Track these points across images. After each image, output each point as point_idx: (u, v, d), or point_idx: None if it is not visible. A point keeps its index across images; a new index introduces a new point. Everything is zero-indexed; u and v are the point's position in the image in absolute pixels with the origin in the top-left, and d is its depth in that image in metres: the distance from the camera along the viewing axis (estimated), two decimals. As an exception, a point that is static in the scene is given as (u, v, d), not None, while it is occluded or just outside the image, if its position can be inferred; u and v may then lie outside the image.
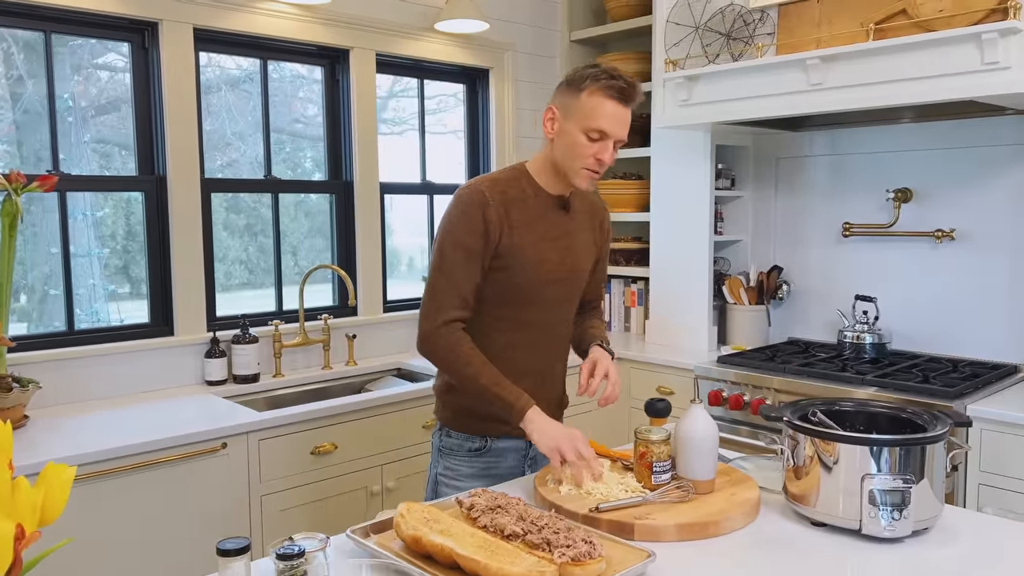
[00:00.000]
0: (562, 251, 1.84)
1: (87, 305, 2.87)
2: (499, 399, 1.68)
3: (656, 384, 3.35)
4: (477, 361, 1.70)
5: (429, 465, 1.96)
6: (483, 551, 1.32)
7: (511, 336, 1.82)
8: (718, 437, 1.66)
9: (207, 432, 2.34)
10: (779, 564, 1.41)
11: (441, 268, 1.74)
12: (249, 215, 3.24)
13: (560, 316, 1.90)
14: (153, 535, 2.25)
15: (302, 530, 2.52)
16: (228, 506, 2.39)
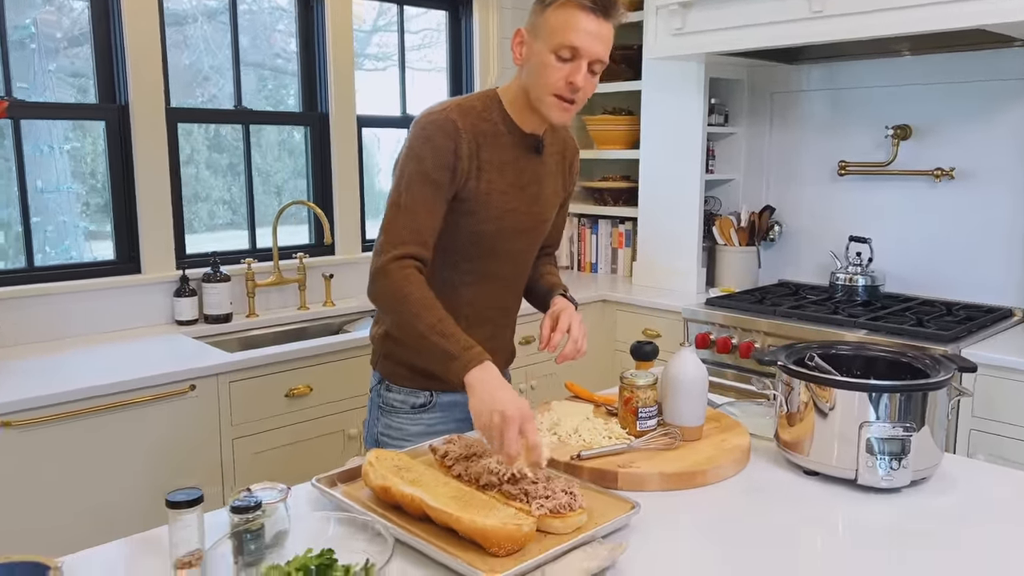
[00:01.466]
0: (530, 200, 1.65)
1: (57, 243, 2.74)
2: (438, 349, 1.40)
3: (643, 327, 3.27)
4: (420, 302, 1.44)
5: (366, 422, 1.80)
6: (456, 502, 1.23)
7: (467, 291, 1.66)
8: (707, 381, 1.57)
9: (175, 373, 2.24)
10: (769, 515, 1.34)
11: (399, 203, 1.52)
12: (232, 154, 3.09)
13: (521, 268, 1.75)
14: (119, 479, 2.17)
15: (277, 475, 2.45)
16: (198, 449, 2.30)
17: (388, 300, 1.49)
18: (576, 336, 1.61)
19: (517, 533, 1.16)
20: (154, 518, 2.20)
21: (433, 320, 1.43)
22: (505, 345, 1.79)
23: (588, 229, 3.96)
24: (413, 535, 1.19)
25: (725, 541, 1.25)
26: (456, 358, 1.39)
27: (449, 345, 1.40)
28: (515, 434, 1.29)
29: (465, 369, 1.37)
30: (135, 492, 2.20)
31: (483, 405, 1.33)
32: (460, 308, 1.61)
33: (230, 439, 2.37)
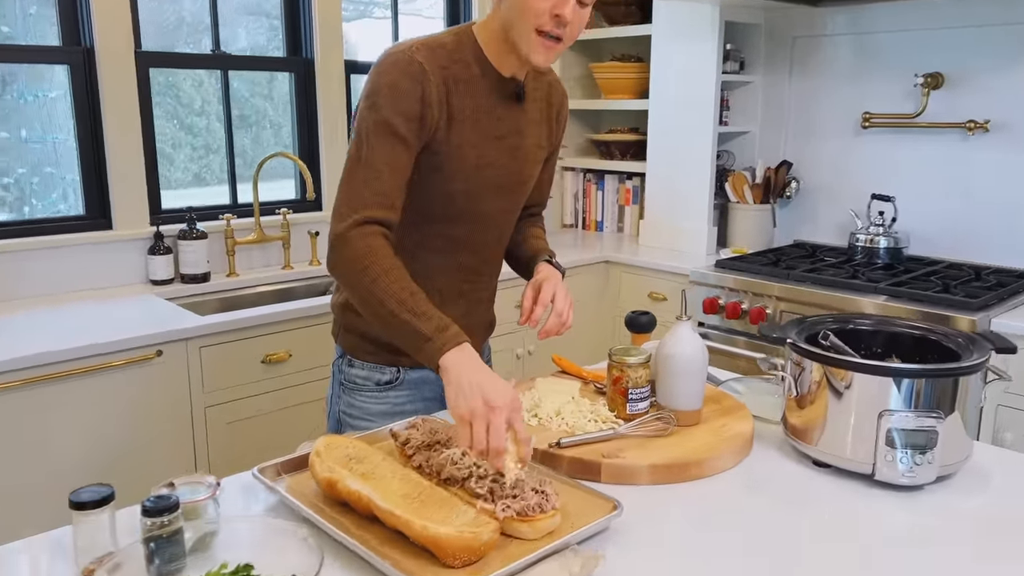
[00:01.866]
0: (509, 153, 1.44)
1: (44, 195, 2.58)
2: (409, 329, 1.21)
3: (648, 290, 3.08)
4: (387, 274, 1.24)
5: (329, 398, 1.63)
6: (409, 502, 1.07)
7: (438, 259, 1.48)
8: (707, 360, 1.39)
9: (139, 338, 2.09)
10: (772, 515, 1.17)
11: (360, 157, 1.32)
12: (243, 106, 2.92)
13: (499, 232, 1.55)
14: (77, 454, 2.03)
15: (253, 445, 2.31)
16: (167, 419, 2.16)
17: (350, 272, 1.29)
18: (560, 308, 1.43)
19: (474, 543, 0.99)
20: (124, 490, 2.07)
21: (403, 296, 1.24)
22: (482, 319, 1.61)
23: (594, 185, 3.75)
24: (357, 541, 1.03)
25: (720, 547, 1.08)
26: (429, 340, 1.20)
27: (422, 324, 1.21)
28: (501, 425, 1.11)
29: (440, 352, 1.19)
30: (98, 468, 2.06)
31: (461, 392, 1.14)
32: (430, 279, 1.43)
33: (202, 408, 2.23)
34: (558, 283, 1.46)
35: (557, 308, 1.43)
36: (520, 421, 1.13)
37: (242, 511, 1.16)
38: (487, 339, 1.67)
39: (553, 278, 1.47)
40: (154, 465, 2.15)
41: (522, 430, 1.13)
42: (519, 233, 1.64)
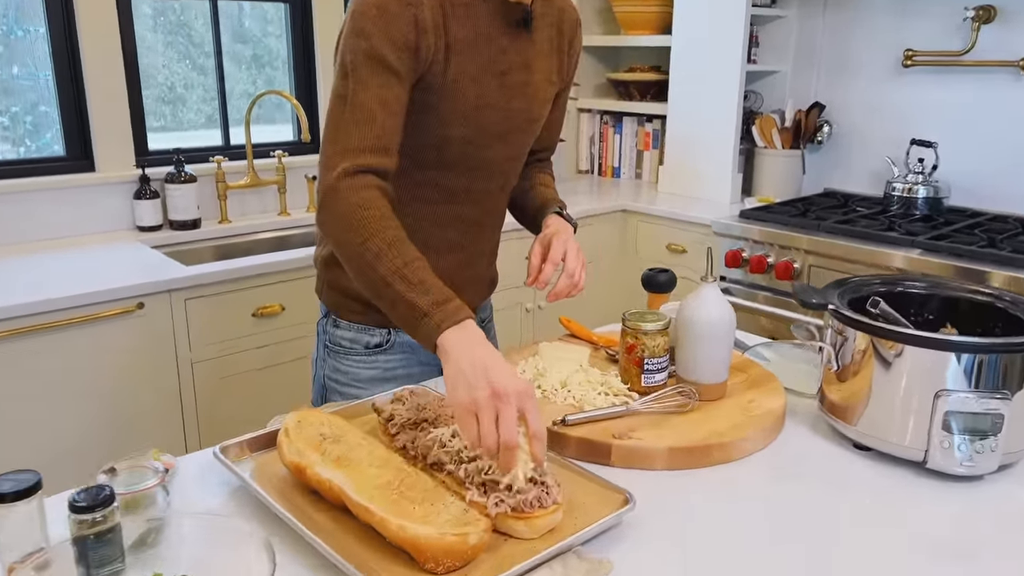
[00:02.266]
0: (514, 91, 1.26)
1: (37, 136, 2.41)
2: (403, 301, 1.03)
3: (667, 241, 2.90)
4: (380, 235, 1.06)
5: (313, 360, 1.47)
6: (387, 494, 0.92)
7: (430, 211, 1.30)
8: (734, 327, 1.22)
9: (118, 290, 1.94)
10: (806, 506, 1.01)
11: (345, 96, 1.14)
12: (256, 45, 2.73)
13: (503, 181, 1.36)
14: (56, 412, 1.91)
15: (245, 402, 2.18)
16: (152, 376, 2.03)
17: (338, 232, 1.10)
18: (572, 268, 1.26)
19: (460, 547, 0.85)
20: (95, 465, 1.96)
21: (398, 262, 1.05)
22: (482, 274, 1.44)
23: (611, 128, 3.54)
24: (325, 541, 0.88)
25: (747, 544, 0.93)
26: (426, 315, 1.02)
27: (417, 297, 1.02)
28: (513, 416, 0.92)
29: (437, 330, 1.00)
30: (75, 431, 1.94)
31: (463, 378, 0.94)
32: (423, 234, 1.27)
33: (188, 363, 2.09)
34: (569, 239, 1.29)
35: (568, 268, 1.26)
36: (534, 412, 0.94)
37: (199, 498, 1.02)
38: (488, 297, 1.50)
39: (563, 233, 1.30)
40: (139, 425, 2.03)
41: (536, 423, 0.94)
42: (525, 180, 1.46)
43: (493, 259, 1.47)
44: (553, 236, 1.29)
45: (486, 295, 1.48)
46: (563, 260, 1.27)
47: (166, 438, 2.08)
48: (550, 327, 2.90)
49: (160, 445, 2.07)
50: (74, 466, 1.94)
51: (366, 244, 1.06)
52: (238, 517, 0.97)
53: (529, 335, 2.89)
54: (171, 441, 2.09)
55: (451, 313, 1.01)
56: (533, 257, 1.29)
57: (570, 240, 1.30)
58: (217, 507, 1.00)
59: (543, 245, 1.30)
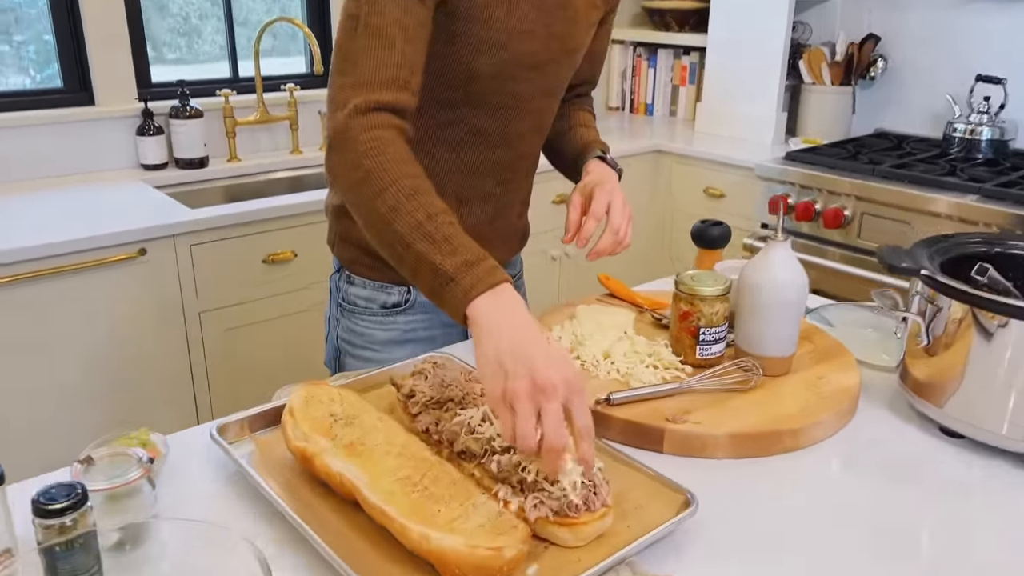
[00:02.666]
0: (553, 14, 1.09)
1: (43, 66, 2.25)
2: (425, 263, 0.86)
3: (704, 184, 2.71)
4: (397, 184, 0.89)
5: (327, 318, 1.32)
6: (408, 490, 0.79)
7: (454, 156, 1.13)
8: (807, 293, 1.06)
9: (117, 234, 1.81)
10: (890, 505, 0.87)
11: (358, 17, 0.96)
12: None
13: (538, 120, 1.19)
14: (57, 364, 1.79)
15: (257, 354, 2.06)
16: (156, 328, 1.91)
17: (349, 181, 0.93)
18: (617, 223, 1.10)
19: (494, 562, 0.71)
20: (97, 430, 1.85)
21: (419, 216, 0.88)
22: (513, 228, 1.28)
23: (644, 61, 3.31)
24: (333, 549, 0.75)
25: (833, 549, 0.79)
26: (452, 280, 0.85)
27: (442, 257, 0.85)
28: (558, 413, 0.76)
29: (466, 298, 0.83)
30: (77, 389, 1.83)
31: (499, 361, 0.78)
32: (445, 181, 1.11)
33: (196, 313, 1.97)
34: (614, 188, 1.13)
35: (612, 223, 1.10)
36: (582, 407, 0.77)
37: (193, 486, 0.89)
38: (519, 252, 1.35)
39: (607, 182, 1.14)
40: (144, 382, 1.91)
41: (583, 419, 0.78)
42: (563, 120, 1.29)
43: (525, 209, 1.31)
44: (596, 186, 1.13)
45: (517, 249, 1.32)
46: (607, 214, 1.11)
47: (174, 395, 1.97)
48: (580, 278, 2.74)
49: (168, 403, 1.96)
50: (74, 430, 1.84)
51: (381, 196, 0.89)
52: (236, 511, 0.84)
53: (556, 288, 2.73)
54: (179, 400, 1.98)
55: (483, 276, 0.84)
56: (572, 210, 1.13)
57: (615, 190, 1.14)
58: (213, 497, 0.87)
59: (583, 196, 1.14)
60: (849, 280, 2.26)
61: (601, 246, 1.09)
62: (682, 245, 2.82)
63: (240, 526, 0.82)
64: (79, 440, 1.82)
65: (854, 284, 2.26)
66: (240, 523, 0.82)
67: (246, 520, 0.83)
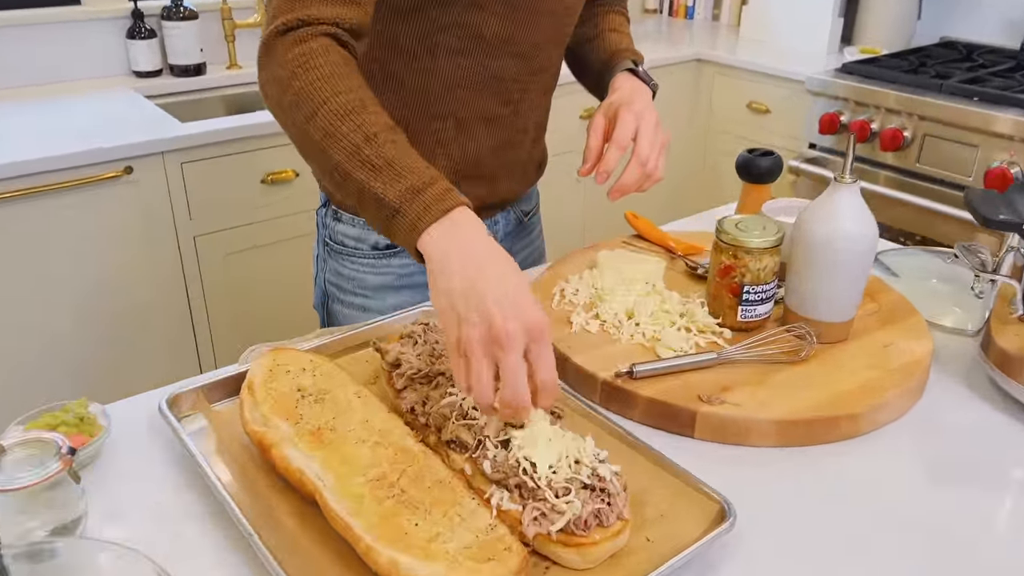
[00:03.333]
0: None
1: None
2: (368, 193, 0.72)
3: (748, 99, 2.47)
4: (329, 103, 0.74)
5: (315, 258, 1.17)
6: (382, 494, 0.64)
7: (457, 66, 0.94)
8: (876, 247, 0.88)
9: (100, 151, 1.65)
10: (971, 513, 0.71)
11: None
12: None
13: (556, 25, 0.98)
14: (36, 301, 1.67)
15: (256, 279, 1.92)
16: (147, 252, 1.77)
17: (277, 103, 0.78)
18: (645, 154, 0.90)
19: (480, 602, 0.57)
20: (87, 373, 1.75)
21: (356, 138, 0.73)
22: (526, 156, 1.10)
23: (686, -42, 3.01)
24: (285, 565, 0.61)
25: (880, 566, 0.65)
26: (397, 211, 0.70)
27: (384, 185, 0.71)
28: (518, 366, 0.63)
29: (414, 230, 0.70)
30: (60, 327, 1.70)
31: (451, 301, 0.66)
32: (441, 98, 0.94)
33: (190, 237, 1.82)
34: (644, 109, 0.93)
35: (640, 151, 0.91)
36: (546, 356, 0.65)
37: (136, 469, 0.75)
38: (535, 183, 1.17)
39: (637, 100, 0.94)
40: (136, 319, 1.79)
41: (545, 372, 0.65)
42: (589, 23, 1.09)
43: (542, 134, 1.13)
44: (622, 106, 0.93)
45: (532, 181, 1.15)
46: (634, 141, 0.92)
47: (170, 332, 1.85)
48: (609, 206, 2.53)
49: (165, 342, 1.84)
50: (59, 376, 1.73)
51: (313, 120, 0.74)
52: (186, 504, 0.71)
53: (579, 218, 2.53)
54: (177, 337, 1.86)
55: (431, 203, 0.70)
56: (592, 135, 0.94)
57: (646, 111, 0.94)
58: (161, 484, 0.73)
59: (607, 117, 0.95)
60: (904, 210, 2.05)
61: (625, 181, 0.90)
62: (722, 172, 2.60)
63: (188, 529, 0.68)
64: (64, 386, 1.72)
65: (910, 215, 2.06)
66: (188, 525, 0.69)
67: (195, 521, 0.70)
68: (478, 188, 1.03)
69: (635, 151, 0.91)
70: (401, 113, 0.95)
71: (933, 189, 2.03)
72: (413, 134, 0.97)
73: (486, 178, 1.04)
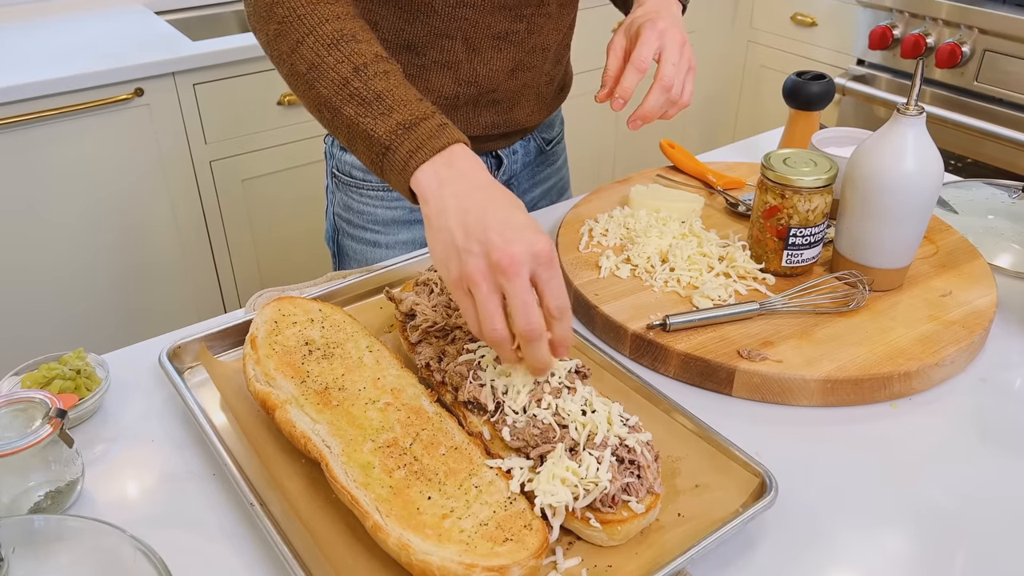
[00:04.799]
0: None
1: None
2: (358, 130, 0.67)
3: (792, 10, 2.31)
4: (315, 31, 0.68)
5: (325, 189, 1.10)
6: (393, 460, 0.60)
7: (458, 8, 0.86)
8: (941, 187, 0.80)
9: (109, 72, 1.58)
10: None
11: None
12: None
13: None
14: (48, 230, 1.63)
15: (275, 205, 1.87)
16: (161, 180, 1.71)
17: (266, 35, 0.73)
18: (668, 77, 0.79)
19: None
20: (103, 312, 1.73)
21: (344, 70, 0.67)
22: (545, 78, 1.00)
23: None
24: (289, 540, 0.57)
25: (935, 541, 0.59)
26: (388, 148, 0.65)
27: (374, 120, 0.65)
28: (525, 297, 0.58)
29: (406, 168, 0.64)
30: (68, 264, 1.67)
31: (449, 235, 0.61)
32: (448, 19, 0.86)
33: (206, 162, 1.76)
34: (669, 28, 0.81)
35: (663, 75, 0.80)
36: (554, 282, 0.59)
37: (137, 428, 0.71)
38: (558, 107, 1.08)
39: (662, 19, 0.82)
40: (154, 251, 1.75)
41: (555, 297, 0.59)
42: None
43: (565, 52, 1.03)
44: (644, 24, 0.82)
45: (552, 107, 1.05)
46: (658, 62, 0.82)
47: (190, 263, 1.81)
48: (641, 136, 2.41)
49: (184, 274, 1.80)
50: (73, 315, 1.70)
51: (298, 51, 0.69)
52: (192, 466, 0.67)
53: (610, 149, 2.41)
54: (197, 268, 1.82)
55: (425, 139, 0.64)
56: (611, 57, 0.83)
57: (670, 29, 0.81)
58: (164, 444, 0.69)
59: (629, 37, 0.84)
60: (956, 132, 1.92)
61: (646, 107, 0.80)
62: (763, 92, 2.45)
63: (189, 490, 0.64)
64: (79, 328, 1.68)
65: (964, 139, 1.93)
66: (189, 485, 0.65)
67: (196, 482, 0.66)
68: (493, 114, 0.96)
69: (658, 74, 0.81)
70: (406, 32, 0.88)
71: (990, 110, 1.90)
72: (420, 54, 0.89)
73: (501, 103, 0.96)
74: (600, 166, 2.40)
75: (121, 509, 0.63)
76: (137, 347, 0.80)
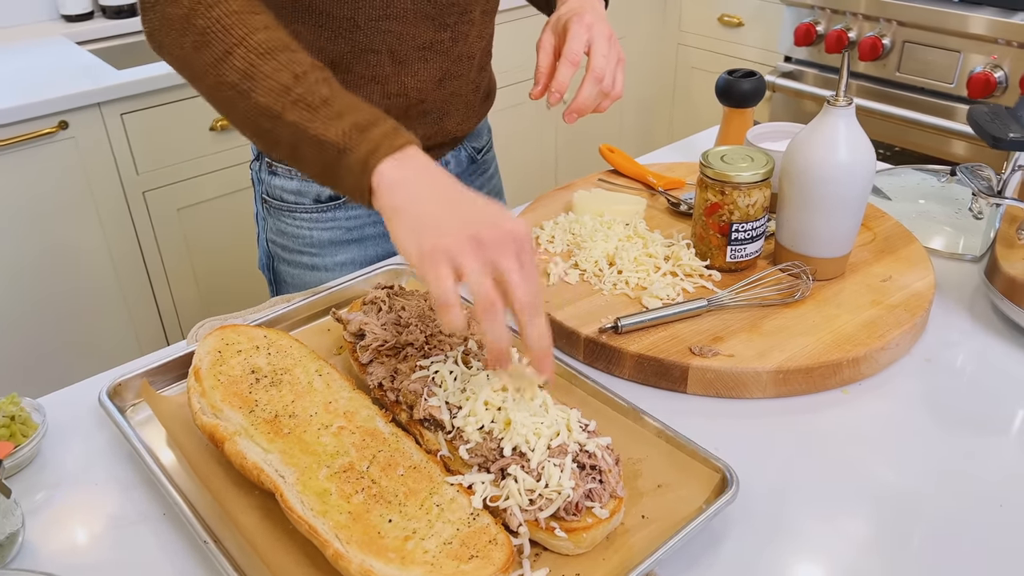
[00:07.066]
0: None
1: None
2: (307, 137, 0.64)
3: (719, 11, 2.36)
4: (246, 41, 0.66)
5: (255, 215, 1.08)
6: (346, 491, 0.58)
7: None
8: (874, 175, 0.81)
9: (31, 106, 1.53)
10: (989, 461, 0.67)
11: None
12: None
13: None
14: (-21, 259, 1.57)
15: (217, 232, 1.83)
16: (93, 213, 1.66)
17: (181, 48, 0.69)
18: (599, 68, 0.79)
19: (463, 607, 0.52)
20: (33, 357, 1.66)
21: (284, 78, 0.65)
22: (471, 86, 1.00)
23: None
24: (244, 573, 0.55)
25: (893, 522, 0.60)
26: (343, 151, 0.62)
27: (324, 125, 0.63)
28: (522, 271, 0.58)
29: (365, 169, 0.62)
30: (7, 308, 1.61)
31: (421, 222, 0.59)
32: (372, 32, 0.85)
33: (139, 193, 1.71)
34: (596, 22, 0.82)
35: (594, 66, 0.80)
36: (528, 266, 0.59)
37: (79, 472, 0.68)
38: (485, 117, 1.08)
39: (588, 13, 0.82)
40: (89, 288, 1.69)
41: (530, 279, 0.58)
42: None
43: (488, 60, 1.03)
44: (571, 18, 0.82)
45: (481, 114, 1.05)
46: (588, 55, 0.82)
47: (129, 298, 1.75)
48: (582, 143, 2.43)
49: (123, 311, 1.74)
50: (4, 359, 1.64)
51: (227, 61, 0.66)
52: (141, 507, 0.64)
53: (551, 157, 2.42)
54: (138, 304, 1.77)
55: (381, 140, 0.62)
56: (541, 54, 0.83)
57: (597, 23, 0.82)
58: (110, 486, 0.67)
59: (556, 33, 0.84)
60: (881, 122, 1.98)
61: (580, 99, 0.80)
62: (695, 92, 2.50)
63: (139, 534, 0.62)
64: (13, 371, 1.61)
65: (890, 128, 1.99)
66: (140, 529, 0.63)
67: (147, 524, 0.63)
68: (423, 126, 0.95)
69: (589, 66, 0.81)
70: (330, 49, 0.86)
71: (913, 98, 1.96)
72: (346, 70, 0.88)
73: (431, 113, 0.95)
74: (543, 175, 2.41)
75: (68, 557, 0.61)
76: (75, 388, 0.77)
